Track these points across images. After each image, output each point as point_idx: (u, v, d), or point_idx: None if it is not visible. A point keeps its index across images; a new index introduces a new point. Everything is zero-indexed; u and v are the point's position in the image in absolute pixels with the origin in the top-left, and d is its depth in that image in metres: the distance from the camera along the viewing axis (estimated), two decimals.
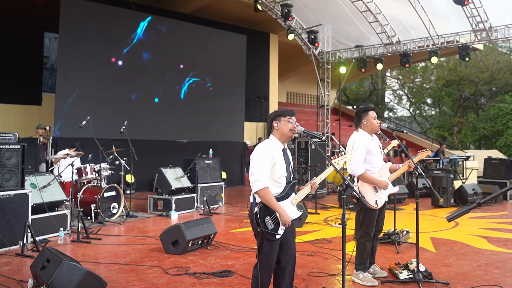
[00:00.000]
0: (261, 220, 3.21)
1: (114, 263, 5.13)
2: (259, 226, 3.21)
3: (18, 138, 6.14)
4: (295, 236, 3.51)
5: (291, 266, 3.41)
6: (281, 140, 3.38)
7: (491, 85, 29.26)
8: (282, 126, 3.36)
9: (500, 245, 6.23)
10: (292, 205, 3.35)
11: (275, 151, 3.31)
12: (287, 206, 3.31)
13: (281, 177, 3.32)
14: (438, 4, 12.17)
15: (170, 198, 8.44)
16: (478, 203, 2.45)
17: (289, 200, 3.34)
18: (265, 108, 17.20)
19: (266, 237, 3.22)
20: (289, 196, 3.35)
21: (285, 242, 3.35)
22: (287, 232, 3.33)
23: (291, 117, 3.37)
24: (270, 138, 3.41)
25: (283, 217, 3.20)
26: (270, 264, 3.30)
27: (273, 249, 3.27)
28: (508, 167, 11.42)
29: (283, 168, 3.33)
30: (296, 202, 3.38)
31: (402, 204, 10.23)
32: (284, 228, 3.26)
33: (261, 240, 3.27)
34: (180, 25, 13.65)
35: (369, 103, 36.12)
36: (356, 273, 4.55)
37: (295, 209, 3.39)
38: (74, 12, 11.27)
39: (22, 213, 5.77)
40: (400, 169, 4.61)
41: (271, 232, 3.22)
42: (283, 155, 3.37)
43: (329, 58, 16.04)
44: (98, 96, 11.75)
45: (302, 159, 11.24)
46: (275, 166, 3.28)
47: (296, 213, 3.39)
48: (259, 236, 3.27)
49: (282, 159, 3.34)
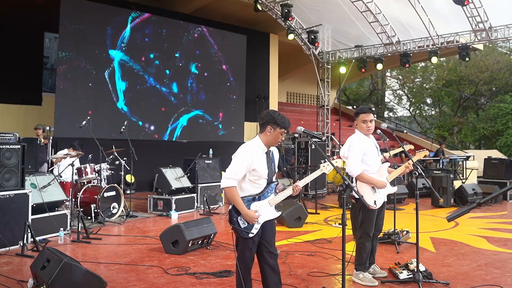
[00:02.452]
0: (234, 218, 3.33)
1: (114, 263, 5.13)
2: (232, 224, 3.34)
3: (18, 138, 6.15)
4: (275, 233, 3.56)
5: (274, 261, 3.47)
6: (266, 145, 3.43)
7: (491, 85, 29.25)
8: (274, 136, 3.39)
9: (500, 245, 6.23)
10: (269, 206, 3.41)
11: (256, 155, 3.36)
12: (263, 206, 3.38)
13: (260, 178, 3.39)
14: (438, 4, 12.17)
15: (170, 198, 8.44)
16: (478, 203, 2.45)
17: (266, 200, 3.40)
18: (265, 108, 17.16)
19: (239, 234, 3.34)
20: (267, 197, 3.41)
21: (264, 239, 3.42)
22: (266, 230, 3.41)
23: (285, 130, 3.40)
24: (256, 140, 3.44)
25: (245, 217, 3.29)
26: (246, 260, 3.40)
27: (248, 246, 3.36)
28: (508, 167, 11.42)
29: (263, 171, 3.39)
30: (275, 203, 3.43)
31: (402, 204, 10.23)
32: (258, 227, 3.34)
33: (237, 237, 3.41)
34: (180, 25, 13.66)
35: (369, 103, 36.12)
36: (356, 273, 4.55)
37: (273, 209, 3.44)
38: (74, 12, 11.27)
39: (22, 213, 5.77)
40: (398, 170, 4.61)
41: (243, 230, 3.32)
42: (266, 157, 3.43)
43: (329, 58, 16.04)
44: (98, 96, 11.74)
45: (302, 159, 11.24)
46: (254, 169, 3.34)
47: (273, 213, 3.45)
48: (234, 232, 3.40)
49: (264, 162, 3.40)
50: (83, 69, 11.48)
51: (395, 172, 4.60)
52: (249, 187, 3.38)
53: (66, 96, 11.17)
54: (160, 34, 13.09)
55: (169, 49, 13.29)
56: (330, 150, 15.45)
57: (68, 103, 11.15)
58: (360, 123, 4.54)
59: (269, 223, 3.43)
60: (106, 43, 11.93)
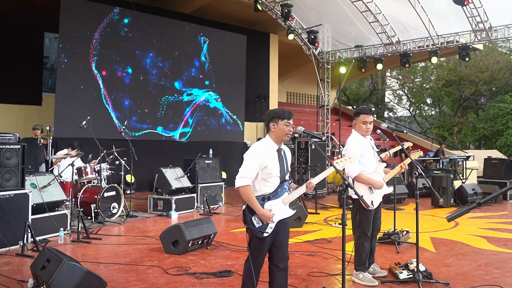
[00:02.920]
0: (248, 218, 3.29)
1: (114, 263, 5.13)
2: (247, 224, 3.29)
3: (18, 138, 6.14)
4: (289, 235, 3.52)
5: (284, 264, 3.43)
6: (276, 141, 3.40)
7: (491, 85, 29.24)
8: (279, 129, 3.38)
9: (500, 245, 6.23)
10: (283, 204, 3.38)
11: (268, 152, 3.34)
12: (277, 205, 3.34)
13: (273, 177, 3.35)
14: (438, 4, 12.17)
15: (170, 198, 8.44)
16: (478, 203, 2.45)
17: (280, 199, 3.37)
18: (265, 108, 17.16)
19: (254, 234, 3.29)
20: (281, 196, 3.38)
21: (277, 240, 3.38)
22: (280, 230, 3.37)
23: (289, 120, 3.38)
24: (266, 138, 3.44)
25: (261, 216, 3.26)
26: (259, 260, 3.35)
27: (262, 246, 3.33)
28: (508, 167, 11.42)
29: (276, 169, 3.35)
30: (289, 202, 3.40)
31: (402, 204, 10.23)
32: (273, 226, 3.30)
33: (251, 236, 3.35)
34: (180, 25, 13.66)
35: (369, 103, 36.11)
36: (356, 273, 4.55)
37: (287, 208, 3.41)
38: (74, 12, 11.27)
39: (22, 213, 5.77)
40: (394, 170, 4.62)
41: (258, 229, 3.27)
42: (278, 155, 3.39)
43: (329, 58, 16.04)
44: (98, 96, 11.74)
45: (302, 159, 11.24)
46: (267, 167, 3.31)
47: (288, 212, 3.42)
48: (248, 232, 3.36)
49: (276, 160, 3.37)
50: (83, 69, 11.47)
51: (391, 173, 4.61)
52: (262, 187, 3.34)
53: (66, 96, 11.17)
54: (160, 34, 13.08)
55: (169, 49, 13.29)
56: (330, 150, 15.45)
57: (68, 103, 11.14)
58: (360, 124, 4.54)
59: (282, 223, 3.38)
60: (106, 43, 11.92)
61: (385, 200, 10.01)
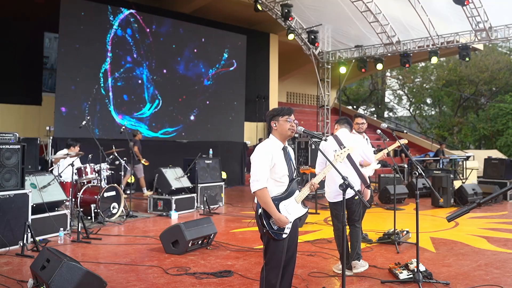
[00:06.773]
0: (266, 221, 3.21)
1: (114, 263, 5.13)
2: (265, 227, 3.20)
3: (18, 138, 6.14)
4: (298, 236, 3.48)
5: (292, 265, 3.40)
6: (280, 139, 3.37)
7: (491, 85, 29.23)
8: (281, 126, 3.35)
9: (500, 245, 6.23)
10: (296, 203, 3.34)
11: (274, 151, 3.30)
12: (291, 205, 3.30)
13: (282, 176, 3.31)
14: (438, 4, 12.16)
15: (170, 198, 8.44)
16: (478, 203, 2.45)
17: (293, 198, 3.33)
18: (265, 108, 17.18)
19: (273, 237, 3.21)
20: (293, 194, 3.34)
21: (288, 240, 3.33)
22: (291, 231, 3.31)
23: (289, 116, 3.35)
24: (270, 138, 3.40)
25: (277, 222, 3.18)
26: (279, 264, 3.24)
27: (281, 249, 3.24)
28: (508, 167, 11.41)
29: (284, 168, 3.31)
30: (301, 200, 3.36)
31: (402, 204, 10.23)
32: (290, 226, 3.25)
33: (268, 240, 3.25)
34: (180, 25, 13.66)
35: (369, 103, 36.17)
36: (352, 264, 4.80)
37: (300, 206, 3.37)
38: (74, 12, 11.27)
39: (22, 213, 5.77)
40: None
41: (277, 232, 3.21)
42: (284, 154, 3.35)
43: (329, 58, 16.03)
44: (98, 96, 11.74)
45: (302, 159, 11.24)
46: (275, 166, 3.27)
47: (301, 210, 3.37)
48: (265, 236, 3.25)
49: (283, 159, 3.33)
50: (83, 69, 11.47)
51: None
52: (273, 188, 3.27)
53: (66, 96, 11.17)
54: (160, 34, 13.09)
55: (169, 49, 13.28)
56: None
57: (68, 103, 11.14)
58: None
59: (293, 224, 3.33)
60: (106, 43, 11.92)
61: (385, 200, 10.09)
